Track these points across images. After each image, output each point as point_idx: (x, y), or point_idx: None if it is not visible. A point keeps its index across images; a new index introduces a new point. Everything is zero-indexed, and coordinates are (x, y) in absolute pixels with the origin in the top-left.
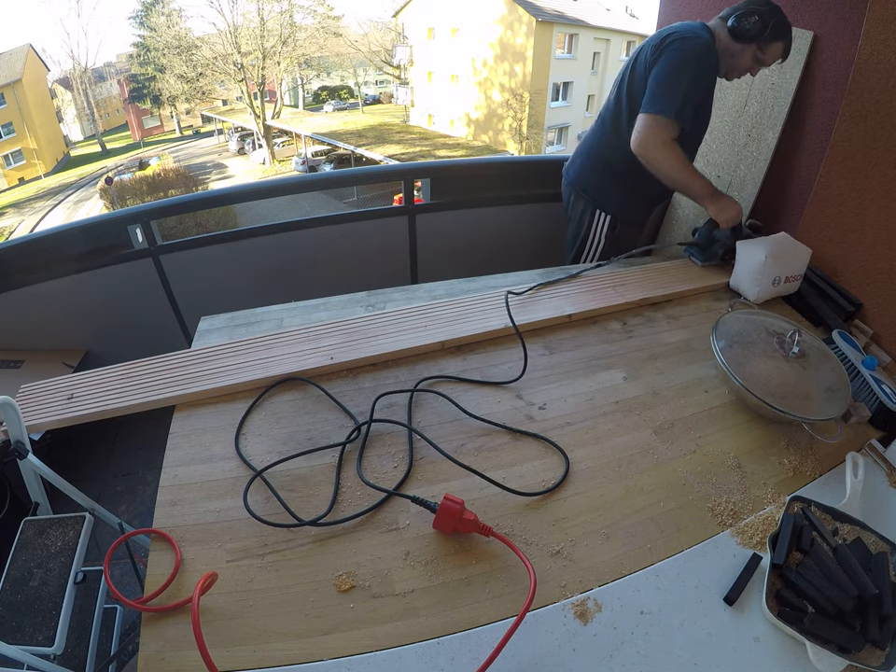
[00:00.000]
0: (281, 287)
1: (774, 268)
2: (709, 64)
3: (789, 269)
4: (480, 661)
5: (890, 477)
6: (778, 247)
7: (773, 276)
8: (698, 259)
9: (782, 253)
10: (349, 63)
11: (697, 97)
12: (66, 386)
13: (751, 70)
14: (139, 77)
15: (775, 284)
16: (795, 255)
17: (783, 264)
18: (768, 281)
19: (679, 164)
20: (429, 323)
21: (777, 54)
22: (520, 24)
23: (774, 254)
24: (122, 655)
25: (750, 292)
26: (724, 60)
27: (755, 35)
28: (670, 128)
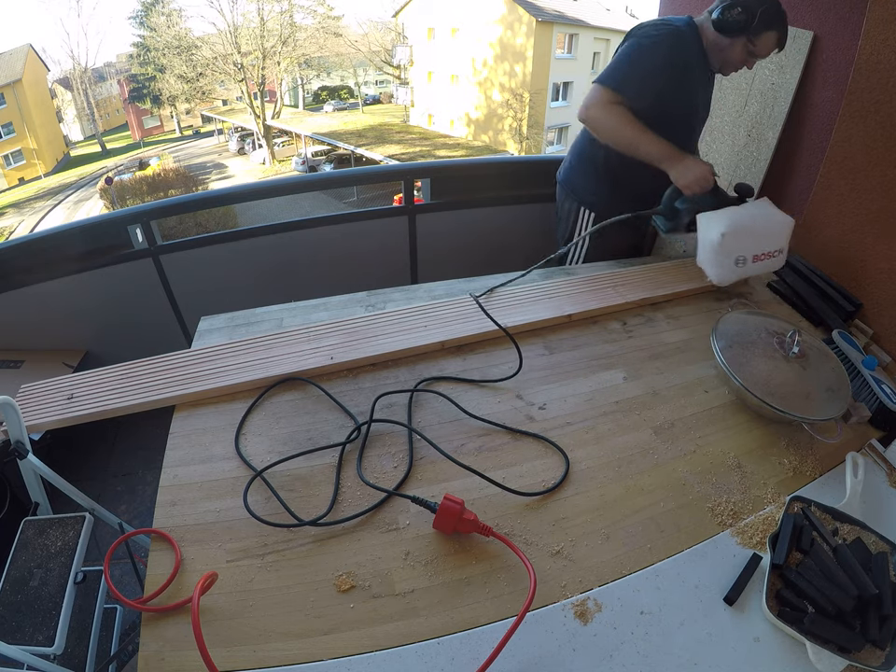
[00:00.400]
0: (281, 287)
1: (734, 246)
2: (670, 50)
3: (757, 245)
4: (480, 661)
5: (890, 477)
6: (743, 220)
7: (734, 256)
8: (662, 229)
9: (747, 227)
10: (349, 62)
11: (655, 80)
12: (66, 386)
13: (747, 63)
14: (139, 77)
15: (739, 264)
16: (767, 227)
17: (748, 240)
18: (729, 261)
19: (620, 122)
20: (429, 323)
21: (771, 45)
22: (520, 24)
23: (733, 229)
24: (122, 655)
25: (711, 273)
26: (714, 55)
27: (741, 27)
28: (610, 95)
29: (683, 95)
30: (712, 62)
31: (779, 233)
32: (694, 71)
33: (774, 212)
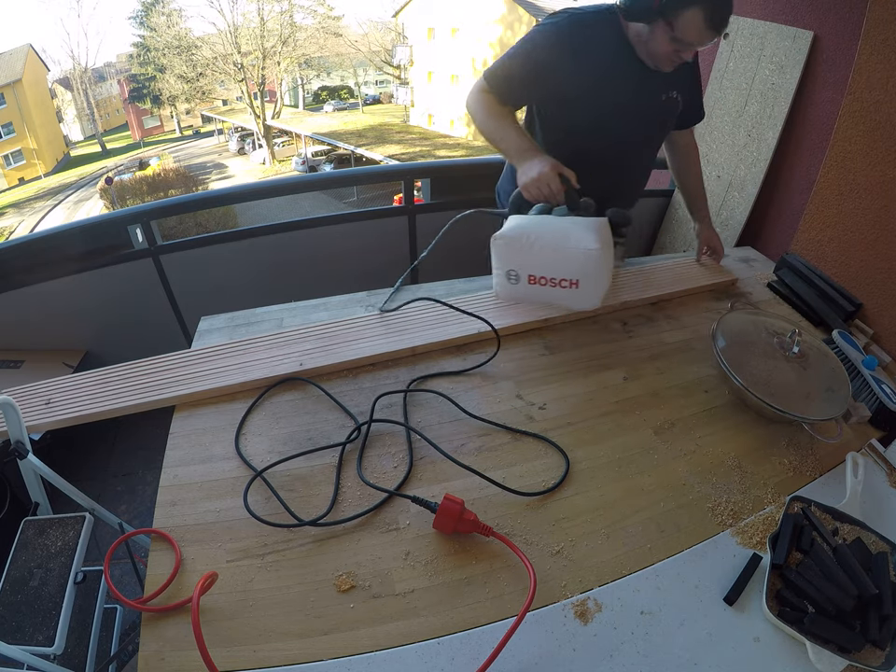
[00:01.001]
0: (281, 287)
1: (506, 256)
2: (555, 42)
3: (538, 265)
4: (480, 661)
5: (890, 477)
6: (526, 231)
7: (506, 268)
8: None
9: (527, 240)
10: (349, 63)
11: (534, 76)
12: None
13: (681, 53)
14: (139, 77)
15: (511, 279)
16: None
17: (525, 256)
18: (502, 271)
19: (485, 111)
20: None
21: (698, 26)
22: (520, 24)
23: (511, 238)
24: (122, 655)
25: (493, 280)
26: (640, 48)
27: (646, 8)
28: (483, 85)
29: (592, 98)
30: (641, 56)
31: (574, 262)
32: (603, 68)
33: (582, 235)
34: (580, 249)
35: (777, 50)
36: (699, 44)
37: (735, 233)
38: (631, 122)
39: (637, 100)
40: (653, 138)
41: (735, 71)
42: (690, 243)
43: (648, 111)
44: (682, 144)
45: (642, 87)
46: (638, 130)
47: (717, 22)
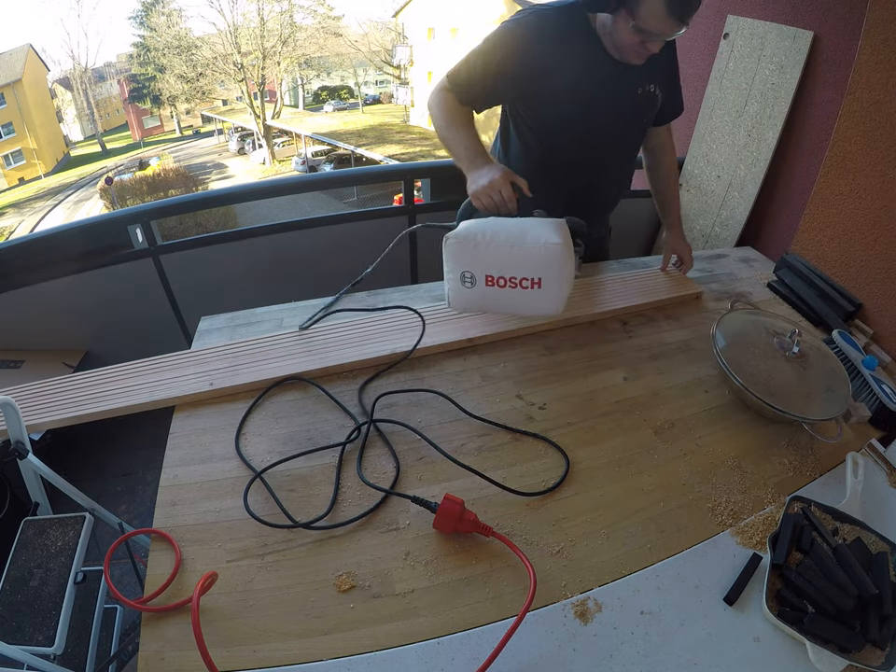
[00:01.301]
0: (281, 287)
1: (460, 258)
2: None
3: (495, 265)
4: (480, 661)
5: (890, 477)
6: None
7: (460, 270)
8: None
9: (483, 238)
10: (349, 63)
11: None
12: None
13: (647, 45)
14: (139, 76)
15: (466, 283)
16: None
17: (481, 255)
18: (455, 276)
19: (441, 114)
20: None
21: (659, 14)
22: None
23: (461, 235)
24: (122, 655)
25: (445, 292)
26: (606, 38)
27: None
28: (446, 86)
29: (559, 94)
30: (608, 48)
31: (535, 257)
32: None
33: (541, 231)
34: (540, 244)
35: (777, 50)
36: (662, 34)
37: (735, 233)
38: (603, 118)
39: (609, 94)
40: (630, 135)
41: (734, 71)
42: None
43: (621, 106)
44: (656, 143)
45: (614, 81)
46: (612, 126)
47: (678, 11)
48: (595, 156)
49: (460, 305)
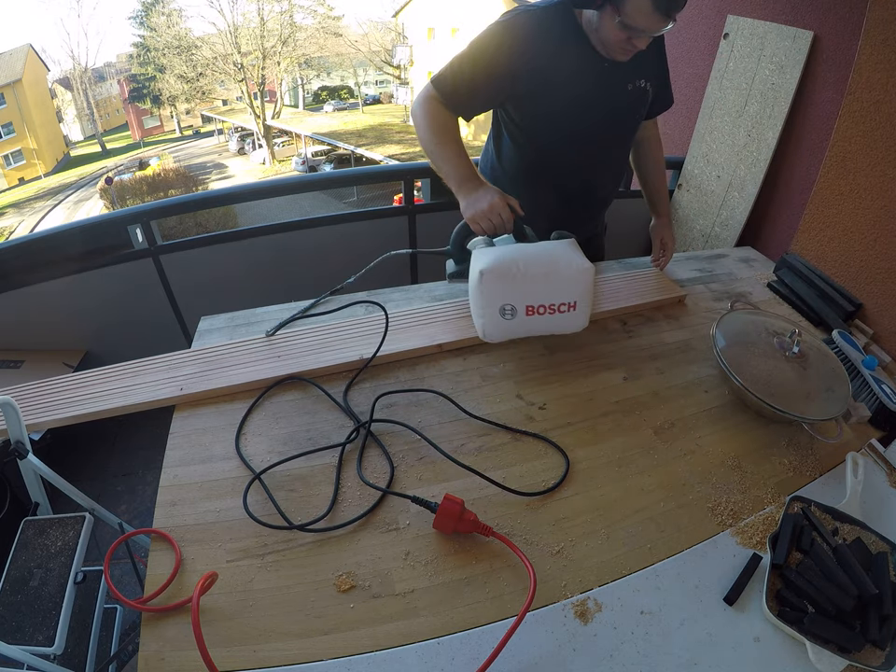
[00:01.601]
0: (281, 287)
1: (498, 291)
2: (508, 40)
3: (534, 294)
4: (480, 661)
5: (890, 477)
6: (515, 258)
7: (499, 304)
8: (448, 270)
9: (521, 269)
10: (349, 63)
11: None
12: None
13: (634, 41)
14: (139, 77)
15: (506, 315)
16: (552, 274)
17: (522, 287)
18: (493, 310)
19: (430, 127)
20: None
21: (645, 10)
22: None
23: (499, 269)
24: (122, 655)
25: (477, 325)
26: (592, 35)
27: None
28: (432, 92)
29: (551, 99)
30: (595, 45)
31: (569, 282)
32: (558, 63)
33: (567, 255)
34: (573, 269)
35: (776, 50)
36: (649, 30)
37: (735, 233)
38: (593, 115)
39: (599, 92)
40: (622, 131)
41: (734, 71)
42: (690, 243)
43: (613, 103)
44: (643, 136)
45: (604, 78)
46: (604, 123)
47: (664, 7)
48: (588, 154)
49: (497, 336)
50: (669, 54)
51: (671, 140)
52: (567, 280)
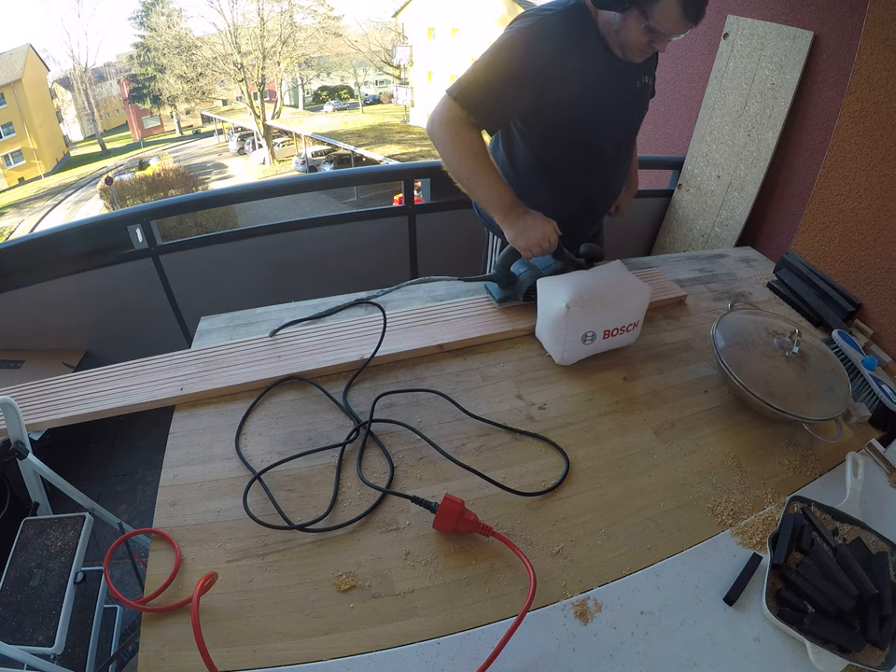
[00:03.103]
0: (281, 287)
1: (582, 320)
2: (533, 45)
3: (609, 319)
4: (480, 661)
5: (890, 477)
6: (592, 290)
7: (582, 332)
8: (495, 297)
9: (598, 298)
10: (349, 63)
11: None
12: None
13: (655, 44)
14: (139, 76)
15: (586, 341)
16: (621, 299)
17: (600, 314)
18: (575, 338)
19: (462, 153)
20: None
21: (674, 15)
22: None
23: (582, 300)
24: (122, 655)
25: (554, 351)
26: (611, 38)
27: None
28: (454, 109)
29: (572, 101)
30: (611, 46)
31: (635, 305)
32: (580, 65)
33: (628, 279)
34: (638, 292)
35: (776, 50)
36: (674, 34)
37: (735, 233)
38: (612, 115)
39: (615, 92)
40: (634, 128)
41: (734, 71)
42: (690, 243)
43: (627, 102)
44: None
45: (619, 78)
46: (620, 122)
47: (692, 12)
48: (603, 154)
49: (572, 360)
50: (669, 54)
51: (671, 140)
52: (633, 302)
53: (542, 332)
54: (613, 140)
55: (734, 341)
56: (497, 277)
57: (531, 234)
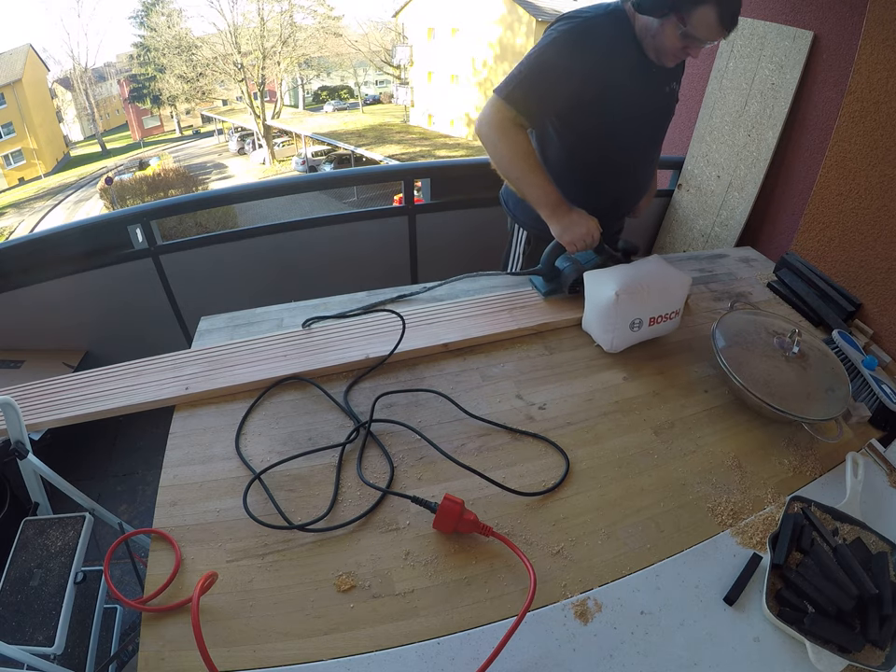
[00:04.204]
0: (281, 287)
1: (630, 308)
2: (579, 50)
3: (654, 307)
4: (480, 661)
5: (890, 477)
6: (638, 280)
7: (630, 319)
8: (541, 290)
9: (644, 287)
10: (349, 63)
11: (557, 93)
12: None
13: (688, 50)
14: (139, 76)
15: (634, 328)
16: (664, 288)
17: (646, 302)
18: (623, 325)
19: (512, 153)
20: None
21: (710, 23)
22: (520, 24)
23: (629, 289)
24: (122, 655)
25: (603, 340)
26: (647, 42)
27: (661, 2)
28: (506, 111)
29: (611, 102)
30: (647, 51)
31: (676, 294)
32: (620, 68)
33: (669, 270)
34: (680, 282)
35: (776, 50)
36: (709, 40)
37: (735, 233)
38: (643, 118)
39: (650, 97)
40: (662, 132)
41: (734, 71)
42: (690, 243)
43: (657, 106)
44: None
45: (651, 82)
46: (653, 126)
47: (728, 20)
48: (635, 155)
49: (621, 347)
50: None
51: (671, 140)
52: (676, 291)
53: (591, 322)
54: (642, 142)
55: (734, 341)
56: (542, 271)
57: (577, 230)
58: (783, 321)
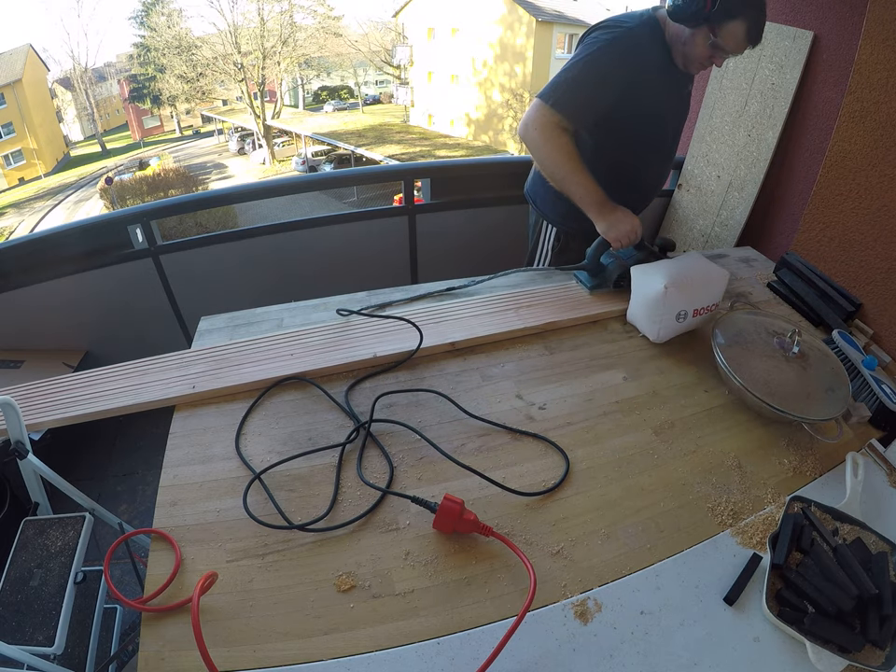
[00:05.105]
0: (281, 287)
1: (677, 300)
2: (619, 58)
3: (698, 299)
4: (480, 661)
5: (890, 477)
6: (683, 273)
7: (676, 310)
8: (586, 284)
9: (689, 281)
10: (349, 63)
11: (599, 99)
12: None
13: (714, 60)
14: (139, 76)
15: (679, 319)
16: (707, 282)
17: (691, 295)
18: (670, 316)
19: (558, 154)
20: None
21: (739, 37)
22: (520, 24)
23: (676, 282)
24: (122, 655)
25: (649, 330)
26: (676, 49)
27: (695, 12)
28: (550, 115)
29: (643, 105)
30: (675, 57)
31: (717, 287)
32: (654, 74)
33: (709, 265)
34: (721, 276)
35: (776, 50)
36: (734, 53)
37: (735, 233)
38: (672, 120)
39: (676, 101)
40: (680, 133)
41: (735, 71)
42: (690, 243)
43: (679, 109)
44: None
45: (676, 86)
46: (673, 127)
47: (754, 36)
48: (659, 156)
49: (667, 337)
50: None
51: None
52: (717, 285)
53: (637, 314)
54: (667, 141)
55: (734, 341)
56: (588, 267)
57: (621, 227)
58: (783, 321)
